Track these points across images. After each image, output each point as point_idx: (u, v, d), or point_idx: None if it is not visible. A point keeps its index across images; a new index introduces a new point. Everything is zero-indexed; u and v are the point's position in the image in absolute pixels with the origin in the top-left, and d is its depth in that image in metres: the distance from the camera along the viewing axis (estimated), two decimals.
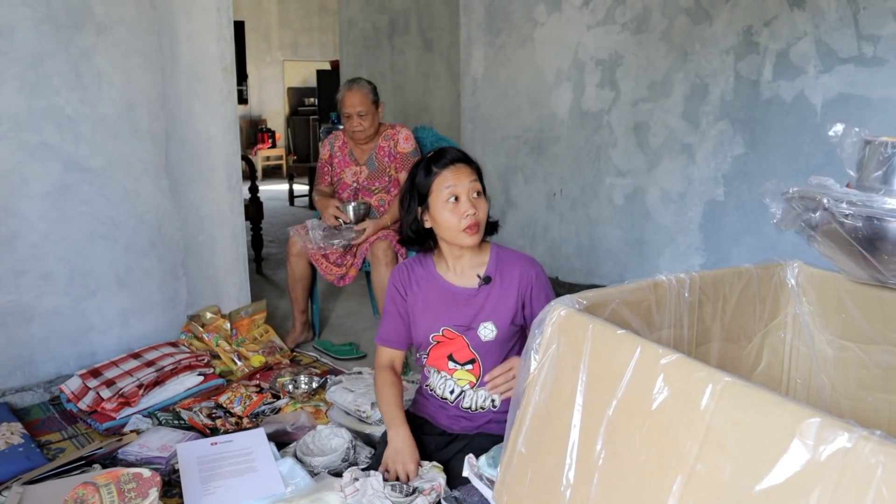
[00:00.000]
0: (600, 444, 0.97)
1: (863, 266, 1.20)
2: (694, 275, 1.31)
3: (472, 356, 1.77)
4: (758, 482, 0.76)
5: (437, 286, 1.79)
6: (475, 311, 1.75)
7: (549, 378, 1.09)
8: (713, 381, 0.83)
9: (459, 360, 1.79)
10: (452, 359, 1.79)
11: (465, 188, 1.68)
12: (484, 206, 1.72)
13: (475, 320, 1.75)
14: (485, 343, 1.75)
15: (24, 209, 2.45)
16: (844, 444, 0.70)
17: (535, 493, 1.09)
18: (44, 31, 2.43)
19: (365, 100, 2.99)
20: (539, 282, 1.75)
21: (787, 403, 0.76)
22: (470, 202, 1.68)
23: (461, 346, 1.77)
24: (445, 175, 1.69)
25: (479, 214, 1.69)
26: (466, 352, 1.77)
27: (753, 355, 1.44)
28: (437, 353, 1.81)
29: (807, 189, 1.20)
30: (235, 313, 2.93)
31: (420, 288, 1.81)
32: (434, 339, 1.79)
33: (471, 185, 1.69)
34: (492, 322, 1.74)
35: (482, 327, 1.74)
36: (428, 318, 1.79)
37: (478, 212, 1.69)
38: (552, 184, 3.94)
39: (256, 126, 9.84)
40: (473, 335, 1.75)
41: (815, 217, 1.19)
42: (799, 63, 2.96)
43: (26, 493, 1.71)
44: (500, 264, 1.77)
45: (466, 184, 1.69)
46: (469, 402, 1.80)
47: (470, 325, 1.75)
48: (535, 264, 1.78)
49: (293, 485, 1.69)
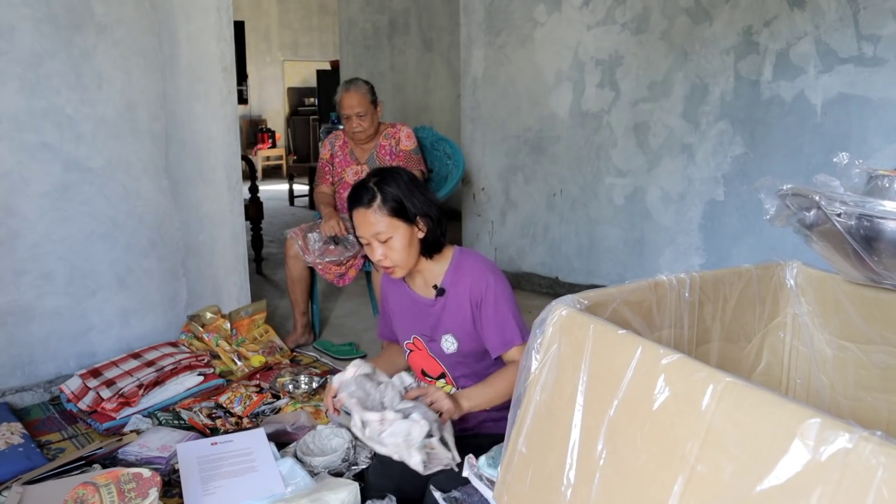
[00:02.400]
0: (601, 444, 0.97)
1: (857, 266, 1.20)
2: (694, 275, 1.31)
3: (441, 370, 1.75)
4: (758, 482, 0.76)
5: (405, 294, 1.77)
6: (435, 322, 1.71)
7: (549, 378, 1.09)
8: (714, 381, 0.83)
9: (432, 375, 1.77)
10: (426, 374, 1.78)
11: (368, 233, 1.61)
12: (397, 245, 1.61)
13: (436, 332, 1.71)
14: (448, 355, 1.71)
15: (24, 209, 2.45)
16: (845, 445, 0.70)
17: (535, 493, 1.09)
18: (44, 31, 2.43)
19: (363, 100, 2.99)
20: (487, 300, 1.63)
21: (787, 404, 0.76)
22: (377, 247, 1.62)
23: (429, 358, 1.75)
24: (354, 219, 1.65)
25: (389, 259, 1.62)
26: (435, 365, 1.75)
27: (753, 355, 1.44)
28: (414, 363, 1.80)
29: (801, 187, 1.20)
30: (235, 313, 2.92)
31: (394, 294, 1.81)
32: (408, 347, 1.78)
33: (373, 233, 1.61)
34: (451, 335, 1.69)
35: (444, 339, 1.70)
36: (401, 324, 1.79)
37: (388, 256, 1.61)
38: (552, 184, 3.94)
39: (256, 126, 9.84)
40: (437, 347, 1.72)
41: (809, 216, 1.19)
42: (799, 63, 2.96)
43: (26, 493, 1.71)
44: (456, 275, 1.69)
45: (369, 230, 1.61)
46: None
47: (433, 336, 1.72)
48: (488, 275, 1.66)
49: (293, 485, 1.68)
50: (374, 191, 1.60)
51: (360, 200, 1.61)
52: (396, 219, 1.60)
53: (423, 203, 1.64)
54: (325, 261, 2.89)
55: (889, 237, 1.11)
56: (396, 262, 1.62)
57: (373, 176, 1.66)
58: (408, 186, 1.63)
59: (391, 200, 1.60)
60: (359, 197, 1.62)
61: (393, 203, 1.60)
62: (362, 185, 1.64)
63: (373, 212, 1.59)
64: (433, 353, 1.74)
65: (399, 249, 1.61)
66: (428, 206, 1.65)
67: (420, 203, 1.63)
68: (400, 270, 1.65)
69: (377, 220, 1.59)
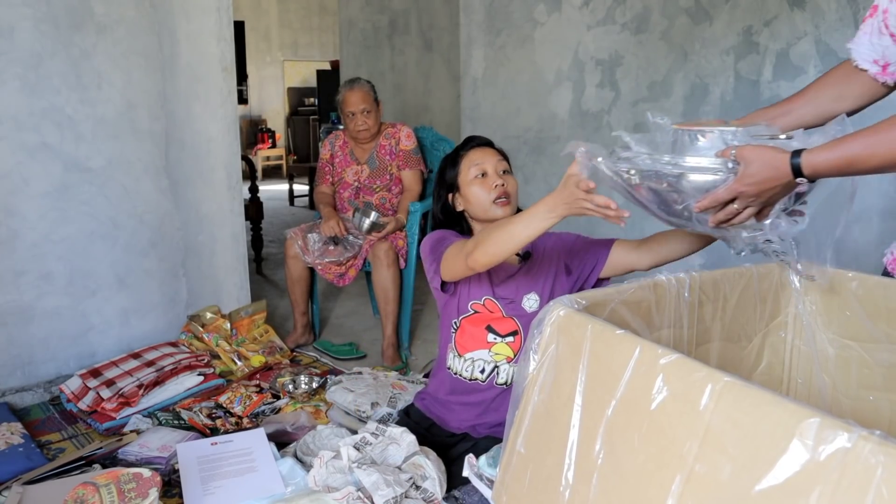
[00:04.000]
0: (599, 444, 0.97)
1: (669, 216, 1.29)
2: (694, 275, 1.31)
3: (516, 327, 1.75)
4: (757, 482, 0.76)
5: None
6: (517, 285, 1.76)
7: (548, 378, 1.09)
8: (713, 381, 0.83)
9: (501, 332, 1.76)
10: (492, 330, 1.76)
11: (492, 165, 1.75)
12: (513, 182, 1.77)
13: (518, 293, 1.76)
14: (529, 314, 1.74)
15: (24, 209, 2.45)
16: (844, 444, 0.70)
17: (534, 494, 1.09)
18: (44, 31, 2.43)
19: (367, 97, 3.00)
20: (579, 239, 1.80)
21: (786, 403, 0.76)
22: (497, 175, 1.74)
23: (504, 319, 1.75)
24: (472, 155, 1.78)
25: (508, 186, 1.74)
26: (510, 323, 1.75)
27: (754, 355, 1.44)
28: (471, 327, 1.77)
29: (593, 150, 1.27)
30: (235, 313, 2.93)
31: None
32: (472, 308, 1.76)
33: (497, 163, 1.77)
34: (534, 293, 1.75)
35: (525, 299, 1.75)
36: (473, 284, 1.76)
37: (507, 184, 1.74)
38: (552, 184, 3.94)
39: (256, 126, 9.84)
40: (517, 307, 1.75)
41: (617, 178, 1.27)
42: (799, 63, 2.96)
43: (26, 493, 1.71)
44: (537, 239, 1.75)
45: (493, 161, 1.76)
46: (504, 378, 1.76)
47: (513, 298, 1.75)
48: (571, 233, 1.84)
49: (293, 485, 1.68)
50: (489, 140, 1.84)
51: (480, 139, 1.83)
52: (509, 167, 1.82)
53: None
54: (325, 261, 2.89)
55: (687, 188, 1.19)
56: (512, 193, 1.76)
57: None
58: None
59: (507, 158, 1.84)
60: (475, 138, 1.84)
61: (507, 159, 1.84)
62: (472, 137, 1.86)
63: (495, 151, 1.81)
64: (510, 314, 1.76)
65: (513, 185, 1.77)
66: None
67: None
68: (510, 208, 1.75)
69: (500, 156, 1.80)
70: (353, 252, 2.90)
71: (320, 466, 1.57)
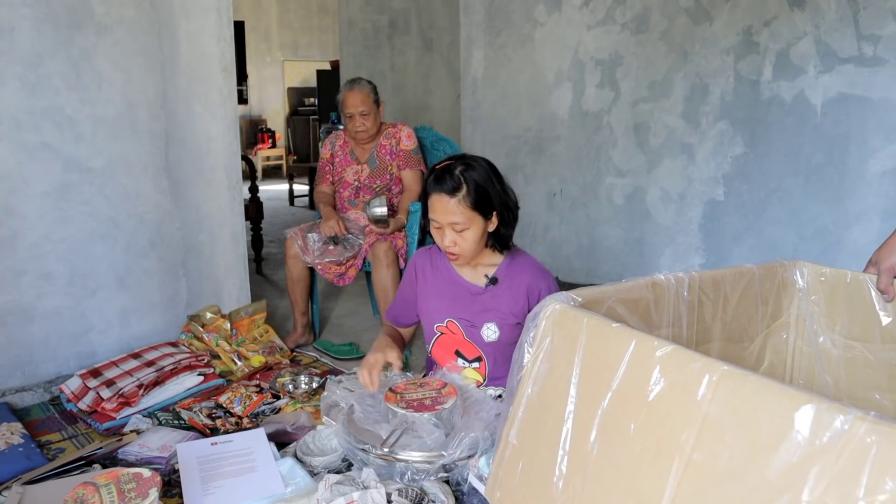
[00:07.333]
0: (594, 435, 0.97)
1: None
2: (693, 274, 1.31)
3: (479, 353, 1.77)
4: (755, 469, 0.76)
5: (448, 278, 1.80)
6: (479, 310, 1.75)
7: (542, 370, 1.08)
8: (710, 370, 0.83)
9: (467, 357, 1.79)
10: (460, 354, 1.79)
11: (445, 221, 1.62)
12: (469, 236, 1.62)
13: (479, 318, 1.75)
14: (487, 343, 1.75)
15: (24, 209, 2.45)
16: (841, 427, 0.70)
17: (527, 485, 1.09)
18: (44, 31, 2.43)
19: (367, 99, 2.99)
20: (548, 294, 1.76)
21: (783, 389, 0.77)
22: (450, 231, 1.62)
23: (466, 343, 1.77)
24: (432, 201, 1.64)
25: (458, 247, 1.63)
26: (472, 348, 1.77)
27: (755, 355, 1.44)
28: (442, 347, 1.81)
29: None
30: (235, 313, 2.92)
31: (433, 275, 1.82)
32: (438, 330, 1.79)
33: (450, 222, 1.61)
34: (495, 324, 1.74)
35: (485, 327, 1.74)
36: (435, 306, 1.79)
37: (457, 244, 1.63)
38: (552, 184, 3.94)
39: (256, 126, 9.84)
40: (476, 333, 1.75)
41: None
42: (799, 63, 2.96)
43: (26, 493, 1.71)
44: (511, 268, 1.76)
45: (446, 218, 1.61)
46: None
47: (473, 322, 1.76)
48: (548, 276, 1.74)
49: (293, 485, 1.68)
50: (461, 180, 1.59)
51: (443, 186, 1.59)
52: (476, 212, 1.60)
53: (502, 197, 1.65)
54: (325, 261, 2.89)
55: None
56: (464, 251, 1.64)
57: (458, 162, 1.63)
58: (491, 179, 1.64)
59: (475, 193, 1.59)
60: (442, 182, 1.60)
61: (476, 196, 1.59)
62: (447, 170, 1.61)
63: (456, 202, 1.59)
64: (470, 338, 1.76)
65: (471, 241, 1.63)
66: (506, 200, 1.67)
67: (500, 197, 1.65)
68: (464, 260, 1.67)
69: (457, 210, 1.59)
70: (353, 252, 2.90)
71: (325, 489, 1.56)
